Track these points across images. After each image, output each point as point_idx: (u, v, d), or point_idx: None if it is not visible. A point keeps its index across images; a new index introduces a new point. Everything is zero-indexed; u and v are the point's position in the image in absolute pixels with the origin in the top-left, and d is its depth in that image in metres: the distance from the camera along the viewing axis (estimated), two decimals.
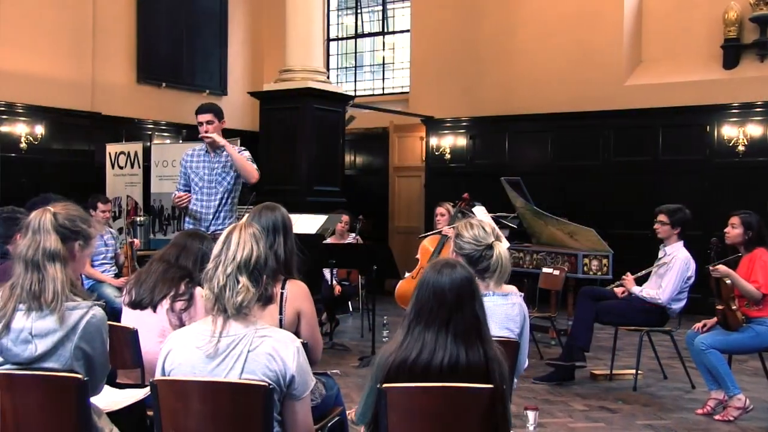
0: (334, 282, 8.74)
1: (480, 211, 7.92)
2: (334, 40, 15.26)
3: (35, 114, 11.09)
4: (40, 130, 11.06)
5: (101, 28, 12.00)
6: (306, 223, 7.98)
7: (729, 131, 10.57)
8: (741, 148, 10.50)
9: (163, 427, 2.76)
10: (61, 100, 11.31)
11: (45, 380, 2.75)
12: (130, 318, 3.87)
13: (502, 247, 3.66)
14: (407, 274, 7.67)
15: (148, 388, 3.34)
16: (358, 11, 14.98)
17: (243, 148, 6.43)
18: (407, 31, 14.01)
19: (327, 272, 8.65)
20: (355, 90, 14.61)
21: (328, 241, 8.62)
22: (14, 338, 2.74)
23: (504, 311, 3.61)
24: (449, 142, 12.94)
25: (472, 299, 2.81)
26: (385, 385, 2.73)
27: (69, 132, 11.61)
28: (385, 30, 14.75)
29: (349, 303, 10.31)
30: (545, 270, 8.30)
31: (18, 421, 2.78)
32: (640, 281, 6.67)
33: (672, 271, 6.39)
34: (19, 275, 2.78)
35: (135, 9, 12.64)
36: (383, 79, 14.77)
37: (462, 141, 12.93)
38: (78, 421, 2.77)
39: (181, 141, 12.57)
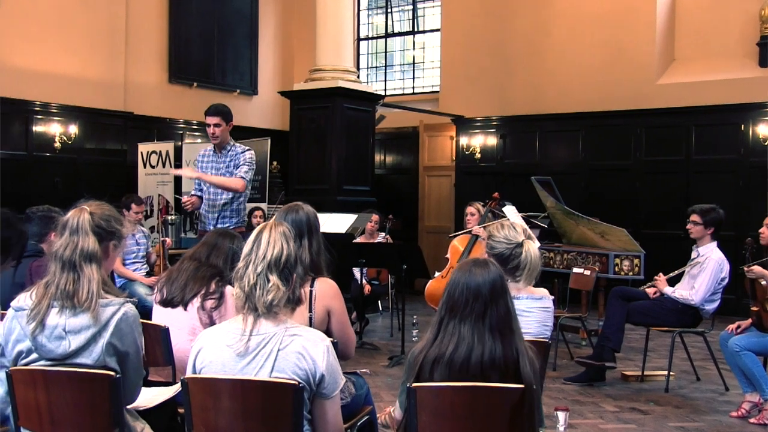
0: (364, 281, 8.74)
1: (511, 211, 7.89)
2: (364, 39, 15.27)
3: (69, 114, 11.22)
4: (73, 129, 11.19)
5: (134, 29, 12.12)
6: (336, 223, 8.00)
7: (764, 130, 10.40)
8: None
9: (194, 425, 2.78)
10: (94, 100, 11.44)
11: (78, 377, 2.78)
12: (161, 316, 3.90)
13: (532, 244, 3.67)
14: (437, 274, 7.65)
15: (178, 385, 3.37)
16: (389, 10, 14.97)
17: (247, 148, 6.49)
18: (437, 30, 13.97)
19: (357, 271, 8.65)
20: (385, 89, 14.60)
21: (358, 240, 8.63)
22: (48, 335, 2.77)
23: (537, 313, 3.60)
24: (479, 141, 12.89)
25: (505, 294, 2.83)
26: (414, 384, 2.73)
27: (102, 131, 11.75)
28: (416, 29, 14.73)
29: (379, 302, 10.31)
30: (576, 270, 8.23)
31: (53, 416, 2.81)
32: (672, 282, 6.60)
33: (705, 271, 6.31)
34: (54, 273, 2.80)
35: (167, 10, 12.75)
36: (413, 78, 14.75)
37: (492, 140, 12.88)
38: (111, 418, 2.80)
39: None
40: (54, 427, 2.82)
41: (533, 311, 3.58)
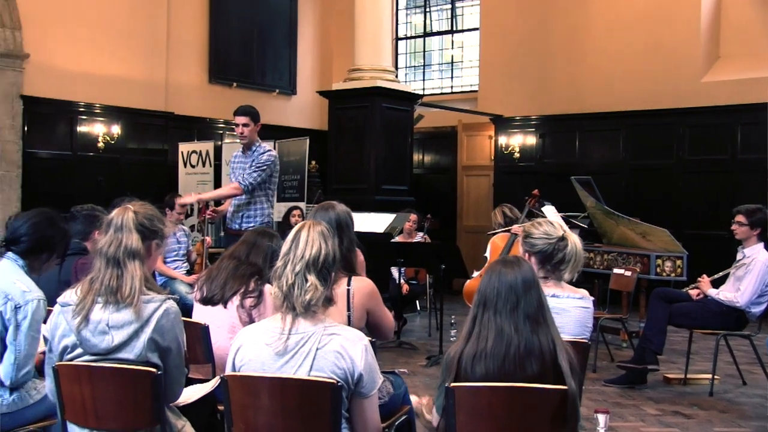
0: (402, 281, 8.73)
1: (550, 211, 7.83)
2: (402, 38, 15.26)
3: (112, 114, 11.38)
4: (116, 129, 11.34)
5: (175, 31, 12.24)
6: (374, 222, 8.00)
7: None
8: None
9: (233, 422, 2.79)
10: (136, 100, 11.58)
11: (121, 372, 2.82)
12: (201, 314, 3.93)
13: (575, 236, 3.65)
14: (476, 273, 7.61)
15: (215, 380, 3.39)
16: (427, 10, 14.94)
17: (269, 149, 6.57)
18: (476, 29, 13.92)
19: (395, 271, 8.64)
20: (423, 89, 14.58)
21: (396, 239, 8.62)
22: (92, 329, 2.82)
23: (576, 312, 3.55)
24: (518, 140, 12.82)
25: (537, 286, 2.84)
26: (452, 384, 2.72)
27: (144, 131, 11.89)
28: (454, 28, 14.68)
29: (417, 302, 10.29)
30: (616, 271, 8.13)
31: (97, 410, 2.86)
32: (716, 284, 6.49)
33: (751, 273, 6.19)
34: (99, 270, 2.86)
35: (207, 11, 12.86)
36: (452, 77, 14.71)
37: (531, 140, 12.80)
38: (152, 414, 2.83)
39: None
40: (98, 421, 2.87)
41: (572, 310, 3.53)
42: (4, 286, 3.39)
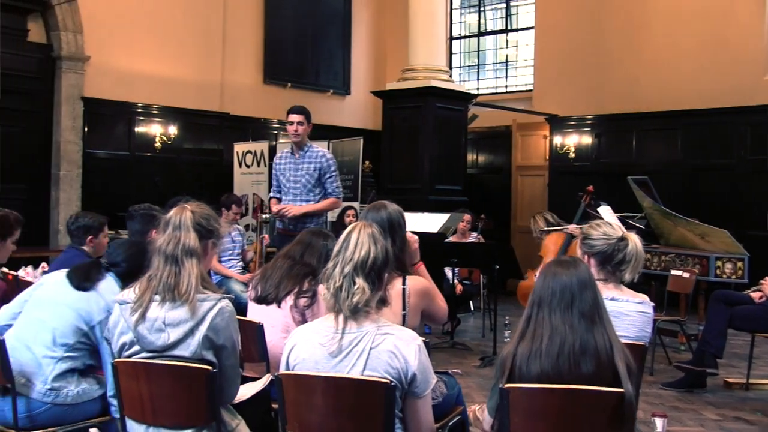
0: (456, 281, 8.70)
1: (606, 211, 7.73)
2: (456, 38, 15.20)
3: (169, 115, 11.55)
4: (173, 130, 11.51)
5: (231, 32, 12.38)
6: (428, 222, 7.97)
7: None
8: None
9: (287, 420, 2.81)
10: (192, 101, 11.74)
11: (177, 370, 2.86)
12: (255, 313, 3.96)
13: (635, 236, 3.61)
14: (531, 273, 7.55)
15: (265, 378, 3.41)
16: (481, 9, 14.86)
17: (326, 151, 6.63)
18: (531, 28, 13.80)
19: (448, 271, 8.62)
20: (477, 88, 14.49)
21: (450, 240, 8.59)
22: (149, 327, 2.87)
23: (636, 317, 3.51)
24: (574, 140, 12.68)
25: (593, 286, 2.81)
26: (507, 385, 2.70)
27: (199, 132, 12.05)
28: (509, 27, 14.57)
29: (471, 302, 10.25)
30: (674, 272, 7.99)
31: (154, 406, 2.90)
32: None
33: None
34: (158, 267, 2.91)
35: (262, 12, 12.98)
36: (506, 77, 14.61)
37: (587, 139, 12.64)
38: (207, 411, 2.86)
39: None
40: (155, 418, 2.91)
41: (632, 314, 3.48)
42: (111, 299, 3.48)
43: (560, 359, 2.68)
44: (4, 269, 5.67)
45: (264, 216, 10.67)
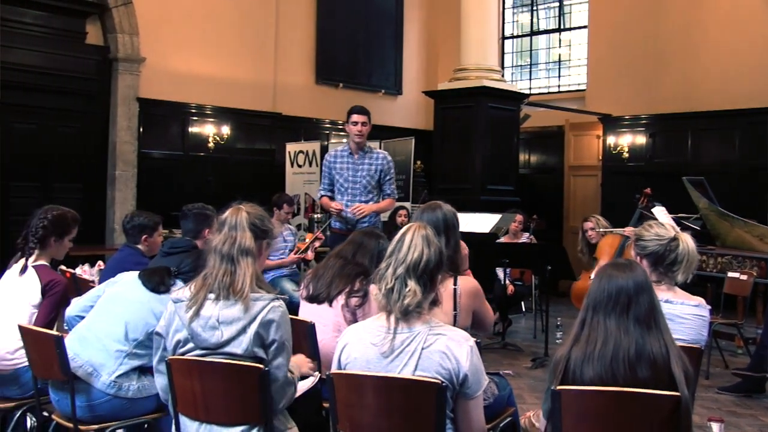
0: (507, 282, 8.65)
1: (660, 212, 7.62)
2: (509, 38, 15.10)
3: (222, 115, 11.68)
4: (226, 130, 11.64)
5: (283, 33, 12.48)
6: (479, 222, 7.95)
7: None
8: None
9: (338, 419, 2.82)
10: (245, 101, 11.86)
11: (229, 367, 2.89)
12: (307, 311, 3.98)
13: (687, 236, 3.56)
14: (584, 274, 7.48)
15: (315, 376, 3.43)
16: (534, 8, 14.74)
17: (385, 152, 6.61)
18: (584, 27, 13.64)
19: (500, 272, 8.57)
20: (530, 88, 14.39)
21: (502, 240, 8.55)
22: (203, 324, 2.91)
23: (692, 320, 3.45)
24: (627, 140, 12.51)
25: (649, 290, 2.76)
26: (559, 387, 2.67)
27: (252, 132, 12.17)
28: (562, 26, 14.43)
29: (522, 303, 10.18)
30: (731, 274, 7.84)
31: (207, 404, 2.94)
32: None
33: None
34: (213, 266, 2.95)
35: (314, 13, 13.05)
36: (559, 76, 14.46)
37: (641, 139, 12.47)
38: (259, 409, 2.88)
39: None
40: (208, 415, 2.94)
41: (688, 318, 3.43)
42: None
43: (614, 364, 2.65)
44: (62, 267, 5.81)
45: (316, 216, 10.75)
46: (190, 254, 3.80)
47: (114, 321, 3.60)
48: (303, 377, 3.69)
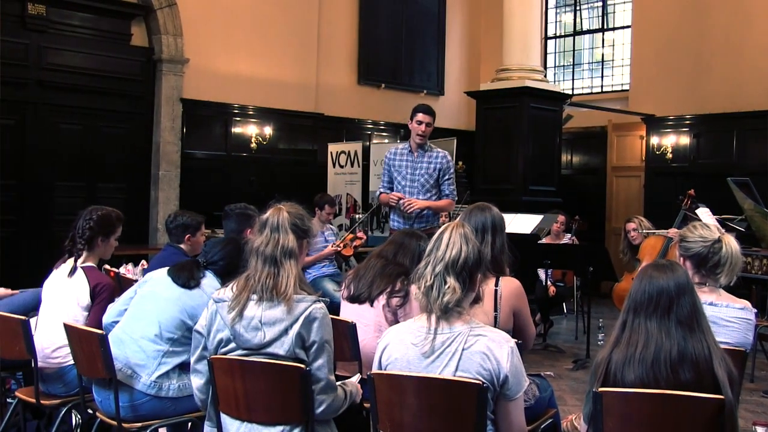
0: (549, 283, 8.60)
1: (704, 213, 7.52)
2: (551, 38, 14.99)
3: (264, 115, 11.76)
4: (268, 130, 11.71)
5: (326, 34, 12.53)
6: (521, 223, 7.91)
7: None
8: None
9: (379, 419, 2.83)
10: (287, 102, 11.92)
11: (271, 367, 2.91)
12: (348, 311, 4.00)
13: (731, 238, 3.52)
14: (627, 275, 7.41)
15: (356, 377, 3.45)
16: (577, 8, 14.62)
17: (446, 152, 6.52)
18: (628, 27, 13.50)
19: (542, 272, 8.53)
20: (572, 88, 14.27)
21: (544, 241, 8.52)
22: (246, 325, 2.94)
23: (737, 323, 3.41)
24: (671, 141, 12.35)
25: (691, 291, 2.74)
26: (601, 389, 2.65)
27: (294, 132, 12.22)
28: (605, 26, 14.29)
29: (564, 304, 10.12)
30: None
31: (249, 403, 2.96)
32: None
33: None
34: (256, 268, 2.97)
35: (357, 13, 13.08)
36: (602, 76, 14.32)
37: (685, 140, 12.30)
38: (301, 409, 2.91)
39: (398, 140, 12.83)
40: (250, 414, 2.97)
41: (733, 321, 3.39)
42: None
43: (655, 366, 2.62)
44: (106, 266, 5.90)
45: (358, 216, 10.79)
46: (225, 245, 3.83)
47: (147, 321, 3.65)
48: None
